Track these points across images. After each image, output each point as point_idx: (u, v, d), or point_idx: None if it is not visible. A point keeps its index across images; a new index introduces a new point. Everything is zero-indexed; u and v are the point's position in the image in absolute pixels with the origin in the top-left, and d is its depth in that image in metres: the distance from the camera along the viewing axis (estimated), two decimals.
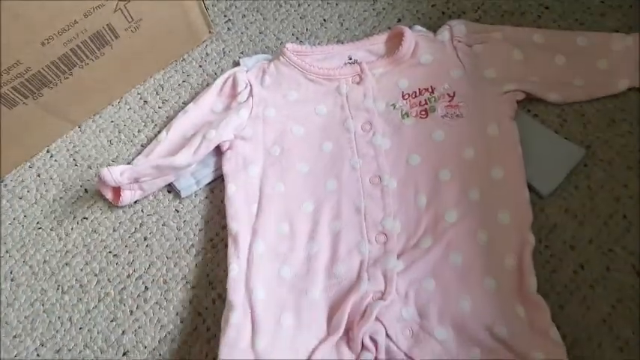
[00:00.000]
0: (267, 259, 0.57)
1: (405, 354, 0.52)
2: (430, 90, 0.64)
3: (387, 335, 0.52)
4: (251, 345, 0.52)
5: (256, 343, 0.52)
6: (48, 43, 0.57)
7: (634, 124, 0.62)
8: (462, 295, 0.53)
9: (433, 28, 0.67)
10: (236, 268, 0.56)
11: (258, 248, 0.57)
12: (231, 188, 0.61)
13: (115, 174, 0.60)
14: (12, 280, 0.63)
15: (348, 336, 0.52)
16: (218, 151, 0.64)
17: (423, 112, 0.63)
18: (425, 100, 0.63)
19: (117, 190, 0.63)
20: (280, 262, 0.57)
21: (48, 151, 0.69)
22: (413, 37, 0.66)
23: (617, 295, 0.55)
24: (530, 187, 0.59)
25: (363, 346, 0.51)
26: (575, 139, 0.61)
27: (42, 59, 0.58)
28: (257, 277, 0.56)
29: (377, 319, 0.52)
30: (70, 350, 0.58)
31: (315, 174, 0.61)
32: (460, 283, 0.54)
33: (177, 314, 0.59)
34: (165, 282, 0.61)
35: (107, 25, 0.61)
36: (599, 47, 0.64)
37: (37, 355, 0.59)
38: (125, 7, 0.61)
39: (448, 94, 0.63)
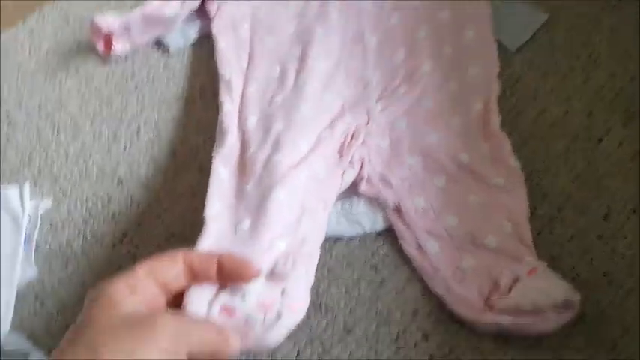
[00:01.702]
0: (259, 96, 0.61)
1: (380, 176, 0.57)
2: None
3: (369, 161, 0.57)
4: (239, 156, 0.56)
5: (245, 152, 0.56)
6: None
7: None
8: (431, 131, 0.58)
9: None
10: (229, 105, 0.60)
11: (250, 88, 0.62)
12: (222, 43, 0.65)
13: (109, 19, 0.63)
14: (9, 123, 0.66)
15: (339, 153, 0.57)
16: (204, 13, 0.68)
17: None
18: None
19: (108, 41, 0.67)
20: (271, 94, 0.61)
21: (40, 13, 0.72)
22: None
23: (573, 134, 0.61)
24: (499, 44, 0.64)
25: (349, 165, 0.56)
26: (541, 6, 0.67)
27: None
28: (249, 109, 0.60)
29: (363, 142, 0.57)
30: (66, 179, 0.62)
31: (302, 26, 0.65)
32: (430, 121, 0.59)
33: (169, 150, 0.63)
34: (157, 124, 0.65)
35: None
36: None
37: (35, 184, 0.62)
38: None
39: None
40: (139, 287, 0.35)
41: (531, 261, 0.51)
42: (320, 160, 0.55)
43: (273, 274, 0.45)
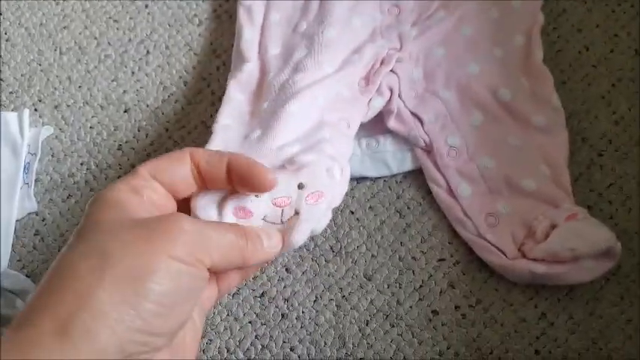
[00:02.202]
0: (282, 24, 0.56)
1: (411, 111, 0.52)
2: None
3: (399, 95, 0.53)
4: (257, 84, 0.52)
5: (264, 79, 0.52)
6: None
7: None
8: (470, 62, 0.54)
9: None
10: (250, 32, 0.56)
11: (273, 17, 0.56)
12: None
13: None
14: (7, 40, 0.61)
15: (365, 80, 0.53)
16: None
17: None
18: None
19: None
20: (295, 22, 0.56)
21: None
22: None
23: (618, 75, 0.56)
24: None
25: (377, 93, 0.52)
26: None
27: None
28: (271, 38, 0.55)
29: (393, 71, 0.52)
30: (69, 106, 0.58)
31: None
32: (469, 51, 0.55)
33: (180, 78, 0.58)
34: (167, 48, 0.60)
35: None
36: None
37: (35, 110, 0.58)
38: None
39: None
40: (144, 188, 0.30)
41: (570, 207, 0.48)
42: (344, 83, 0.51)
43: (285, 169, 0.39)
